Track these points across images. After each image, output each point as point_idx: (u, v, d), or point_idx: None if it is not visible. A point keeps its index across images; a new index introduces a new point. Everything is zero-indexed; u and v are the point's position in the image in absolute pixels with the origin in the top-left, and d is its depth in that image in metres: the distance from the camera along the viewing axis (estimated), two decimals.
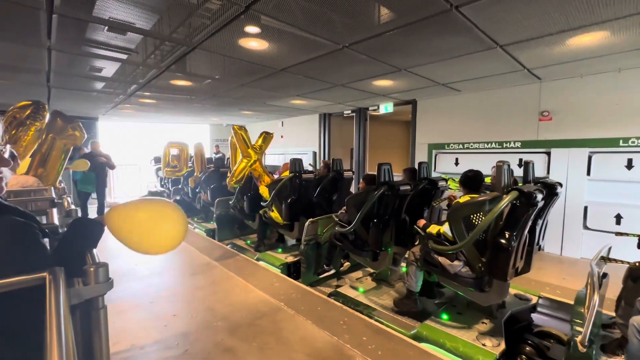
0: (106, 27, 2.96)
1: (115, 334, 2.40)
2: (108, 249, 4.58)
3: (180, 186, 7.80)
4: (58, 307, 0.63)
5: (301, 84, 5.23)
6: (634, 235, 2.35)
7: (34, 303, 0.68)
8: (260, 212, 4.91)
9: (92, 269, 0.81)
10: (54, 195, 1.92)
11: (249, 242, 5.44)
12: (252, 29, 2.98)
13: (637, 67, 4.14)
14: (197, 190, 6.85)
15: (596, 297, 1.78)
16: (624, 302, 2.25)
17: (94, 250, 0.97)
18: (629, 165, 4.29)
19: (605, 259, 2.28)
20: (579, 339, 1.75)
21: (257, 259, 4.42)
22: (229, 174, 5.13)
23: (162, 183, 9.15)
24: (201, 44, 3.38)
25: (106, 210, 1.00)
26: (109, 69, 4.41)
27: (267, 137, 5.02)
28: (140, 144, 12.02)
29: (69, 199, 2.42)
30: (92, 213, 6.82)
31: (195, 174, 6.97)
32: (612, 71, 4.33)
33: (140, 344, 2.34)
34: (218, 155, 9.70)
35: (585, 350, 1.71)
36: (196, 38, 3.23)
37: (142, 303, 2.96)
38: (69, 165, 3.74)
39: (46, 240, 0.92)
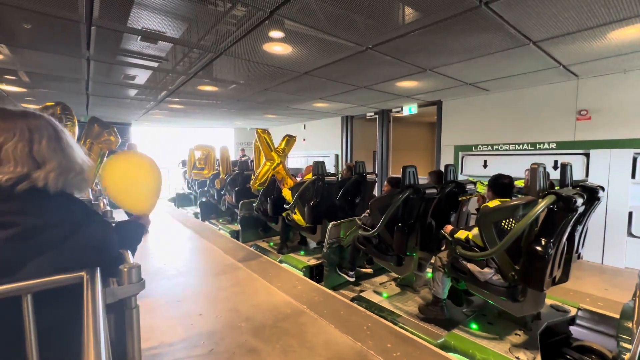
0: (139, 37, 3.11)
1: (145, 331, 2.49)
2: (139, 248, 4.79)
3: (206, 188, 8.05)
4: (95, 305, 0.65)
5: (324, 86, 5.24)
6: None
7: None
8: (283, 214, 4.96)
9: (125, 270, 0.83)
10: (91, 197, 2.03)
11: (272, 244, 5.50)
12: (276, 33, 3.02)
13: None
14: (222, 193, 7.03)
15: None
16: None
17: (127, 251, 1.01)
18: None
19: None
20: (627, 356, 1.61)
21: (280, 261, 4.45)
22: (252, 177, 5.23)
23: (189, 185, 9.47)
24: (227, 50, 3.47)
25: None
26: (141, 76, 4.64)
27: (290, 140, 5.06)
28: (169, 147, 12.56)
29: (104, 200, 2.55)
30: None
31: (220, 176, 7.16)
32: None
33: (168, 341, 2.42)
34: (243, 158, 9.93)
35: None
36: (222, 44, 3.32)
37: (170, 302, 3.06)
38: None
39: None
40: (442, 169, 3.66)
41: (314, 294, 3.20)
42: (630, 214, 4.32)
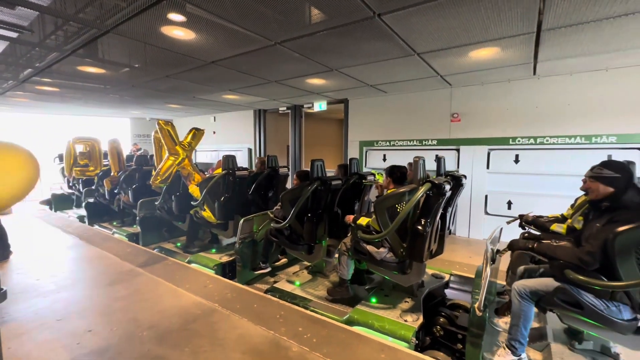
0: None
1: None
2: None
3: (94, 187, 6.88)
4: None
5: (233, 78, 5.06)
6: (514, 218, 2.90)
7: None
8: (191, 212, 4.65)
9: None
10: None
11: (178, 244, 5.09)
12: (176, 16, 2.79)
13: (522, 79, 5.02)
14: (115, 192, 6.13)
15: (488, 270, 2.14)
16: (510, 271, 2.74)
17: None
18: (516, 160, 5.20)
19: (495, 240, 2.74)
20: (476, 305, 2.09)
21: (189, 262, 4.18)
22: (153, 173, 4.72)
23: (71, 184, 7.95)
24: (116, 28, 3.04)
25: None
26: None
27: (197, 133, 4.73)
28: (41, 139, 10.24)
29: None
30: None
31: (112, 173, 6.23)
32: (503, 81, 5.17)
33: None
34: (140, 152, 8.80)
35: (480, 314, 2.06)
36: (109, 21, 2.89)
37: (47, 322, 2.57)
38: None
39: None
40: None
41: (227, 290, 3.14)
42: (486, 196, 5.51)
